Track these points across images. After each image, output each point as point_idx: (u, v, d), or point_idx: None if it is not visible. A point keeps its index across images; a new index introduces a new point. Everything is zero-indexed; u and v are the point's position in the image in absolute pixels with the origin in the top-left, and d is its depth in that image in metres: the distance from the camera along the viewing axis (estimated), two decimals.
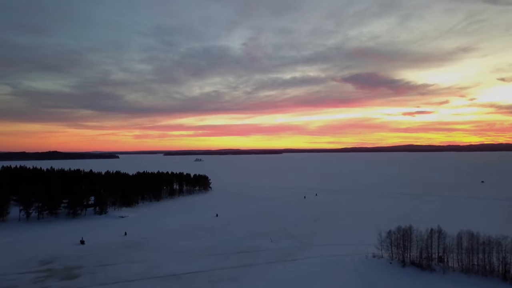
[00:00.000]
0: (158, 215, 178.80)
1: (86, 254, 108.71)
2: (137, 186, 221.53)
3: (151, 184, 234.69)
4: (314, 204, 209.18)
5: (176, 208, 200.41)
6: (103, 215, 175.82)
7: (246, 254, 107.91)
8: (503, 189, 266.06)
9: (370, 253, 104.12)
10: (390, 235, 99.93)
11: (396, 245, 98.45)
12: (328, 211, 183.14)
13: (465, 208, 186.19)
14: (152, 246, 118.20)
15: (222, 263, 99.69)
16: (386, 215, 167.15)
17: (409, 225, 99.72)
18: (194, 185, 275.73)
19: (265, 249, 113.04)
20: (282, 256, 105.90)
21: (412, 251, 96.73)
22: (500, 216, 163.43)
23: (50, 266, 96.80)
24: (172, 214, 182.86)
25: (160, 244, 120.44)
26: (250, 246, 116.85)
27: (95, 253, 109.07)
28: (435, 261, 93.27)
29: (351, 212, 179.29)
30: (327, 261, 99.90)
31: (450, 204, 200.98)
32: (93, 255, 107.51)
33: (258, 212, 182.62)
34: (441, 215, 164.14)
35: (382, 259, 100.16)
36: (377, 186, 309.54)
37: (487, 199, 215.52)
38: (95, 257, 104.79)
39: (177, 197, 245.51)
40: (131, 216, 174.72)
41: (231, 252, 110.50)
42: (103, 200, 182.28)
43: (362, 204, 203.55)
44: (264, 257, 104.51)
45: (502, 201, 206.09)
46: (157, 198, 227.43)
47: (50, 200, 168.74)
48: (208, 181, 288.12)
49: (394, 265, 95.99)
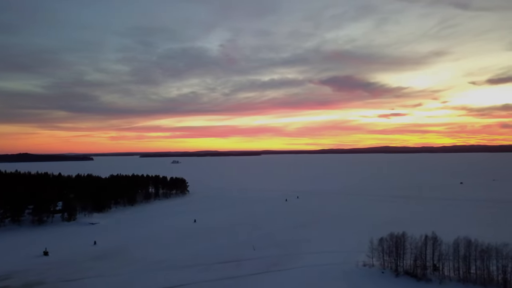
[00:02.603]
0: (132, 221, 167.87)
1: (49, 267, 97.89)
2: (110, 190, 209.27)
3: (125, 188, 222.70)
4: (297, 207, 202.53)
5: (152, 214, 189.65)
6: (71, 222, 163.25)
7: (229, 265, 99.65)
8: (482, 191, 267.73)
9: (360, 261, 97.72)
10: (382, 242, 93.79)
11: (388, 253, 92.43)
12: (312, 215, 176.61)
13: (452, 210, 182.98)
14: (124, 257, 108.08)
15: (203, 275, 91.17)
16: (373, 219, 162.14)
17: (402, 232, 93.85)
18: (171, 188, 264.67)
19: (249, 258, 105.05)
20: (267, 266, 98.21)
21: (406, 259, 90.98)
22: (490, 218, 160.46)
23: (7, 283, 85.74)
24: (147, 220, 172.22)
25: (134, 255, 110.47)
26: (232, 255, 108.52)
27: (59, 266, 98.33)
28: (430, 269, 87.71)
29: (336, 216, 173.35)
30: (316, 271, 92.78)
31: (437, 206, 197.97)
32: (57, 268, 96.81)
33: (240, 217, 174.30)
34: (430, 218, 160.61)
35: (374, 268, 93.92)
36: (360, 188, 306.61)
37: (469, 201, 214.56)
38: (59, 271, 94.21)
39: (153, 201, 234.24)
40: (102, 222, 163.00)
41: (212, 262, 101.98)
42: (72, 205, 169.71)
43: (347, 208, 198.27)
44: (248, 268, 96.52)
45: (485, 203, 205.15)
46: (132, 203, 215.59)
47: (12, 206, 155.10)
48: (186, 184, 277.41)
49: (387, 274, 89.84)
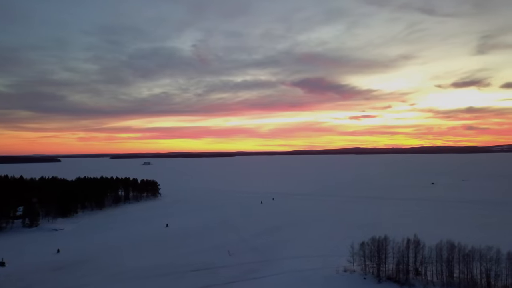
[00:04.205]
0: (100, 227, 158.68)
1: (5, 279, 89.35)
2: (77, 193, 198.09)
3: (93, 191, 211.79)
4: (273, 210, 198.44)
5: (121, 218, 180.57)
6: (33, 228, 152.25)
7: (203, 273, 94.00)
8: (454, 191, 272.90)
9: (341, 266, 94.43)
10: (364, 247, 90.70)
11: (370, 258, 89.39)
12: (288, 217, 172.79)
13: (428, 211, 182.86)
14: (90, 266, 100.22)
15: (176, 285, 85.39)
16: (350, 221, 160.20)
17: (384, 236, 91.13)
18: (142, 191, 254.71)
19: (224, 265, 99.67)
20: (243, 273, 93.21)
21: (387, 263, 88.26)
22: (467, 219, 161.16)
23: None
24: (116, 225, 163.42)
25: (101, 263, 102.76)
26: (207, 262, 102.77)
27: (17, 278, 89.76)
28: (412, 274, 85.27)
29: (313, 218, 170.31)
30: (295, 278, 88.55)
31: (413, 207, 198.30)
32: (14, 280, 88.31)
33: (214, 221, 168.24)
34: (408, 220, 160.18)
35: (355, 273, 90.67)
36: (334, 189, 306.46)
37: (443, 201, 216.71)
38: (16, 284, 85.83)
39: (123, 204, 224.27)
40: (67, 228, 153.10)
41: (185, 270, 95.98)
42: (34, 210, 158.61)
43: (323, 209, 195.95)
44: (223, 276, 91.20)
45: (460, 203, 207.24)
46: (100, 207, 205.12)
47: None
48: (158, 186, 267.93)
49: (369, 280, 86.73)
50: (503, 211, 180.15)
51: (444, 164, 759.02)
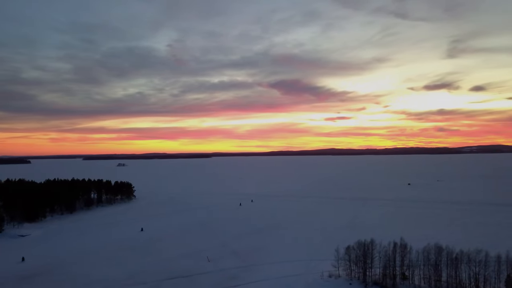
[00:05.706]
0: (69, 232, 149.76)
1: None
2: (45, 196, 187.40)
3: (63, 194, 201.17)
4: (252, 212, 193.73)
5: (93, 222, 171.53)
6: None
7: (181, 280, 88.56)
8: (430, 191, 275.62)
9: (325, 271, 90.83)
10: (349, 251, 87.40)
11: (356, 263, 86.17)
12: (269, 220, 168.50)
13: (410, 213, 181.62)
14: (58, 276, 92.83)
15: None
16: (333, 223, 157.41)
17: (370, 239, 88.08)
18: (116, 193, 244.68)
19: (203, 272, 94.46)
20: (224, 280, 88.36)
21: (374, 268, 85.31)
22: (446, 220, 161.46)
23: None
24: (87, 229, 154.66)
25: (70, 272, 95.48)
26: (184, 268, 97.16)
27: None
28: (399, 278, 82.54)
29: (294, 220, 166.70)
30: (278, 285, 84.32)
31: (394, 208, 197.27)
32: None
33: (192, 224, 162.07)
34: (389, 221, 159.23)
35: (340, 278, 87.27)
36: (313, 190, 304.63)
37: (421, 202, 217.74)
38: None
39: (95, 208, 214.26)
40: (34, 234, 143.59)
41: (161, 278, 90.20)
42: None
43: (304, 211, 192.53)
44: (202, 283, 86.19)
45: (439, 204, 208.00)
46: (70, 210, 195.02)
47: None
48: (132, 188, 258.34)
49: (355, 286, 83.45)
50: (482, 211, 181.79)
51: (418, 165, 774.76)
